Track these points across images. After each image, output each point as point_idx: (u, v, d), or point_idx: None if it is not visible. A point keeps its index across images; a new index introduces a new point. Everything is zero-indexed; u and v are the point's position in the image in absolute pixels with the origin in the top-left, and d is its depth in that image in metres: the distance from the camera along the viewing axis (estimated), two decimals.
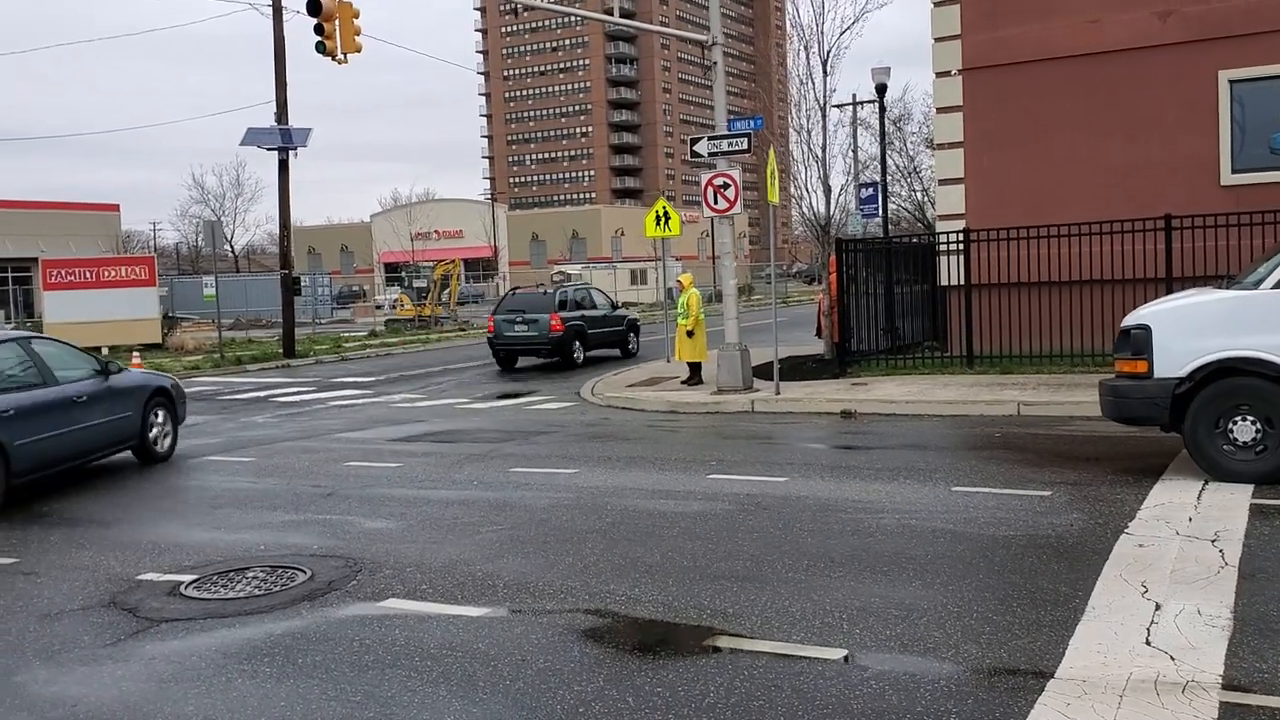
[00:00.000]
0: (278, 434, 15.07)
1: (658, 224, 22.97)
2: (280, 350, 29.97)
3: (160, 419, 12.67)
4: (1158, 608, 5.65)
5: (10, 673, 5.63)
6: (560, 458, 11.86)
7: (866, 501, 8.77)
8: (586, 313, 25.00)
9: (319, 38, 17.87)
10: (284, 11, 27.69)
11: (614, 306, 27.03)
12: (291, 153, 28.42)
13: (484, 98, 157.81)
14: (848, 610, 5.93)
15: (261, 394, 21.15)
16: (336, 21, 17.86)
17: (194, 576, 7.30)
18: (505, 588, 6.71)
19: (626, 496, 9.47)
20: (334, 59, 17.87)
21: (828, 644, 5.42)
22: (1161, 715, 4.37)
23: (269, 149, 28.42)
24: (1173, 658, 4.95)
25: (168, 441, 12.82)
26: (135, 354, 27.58)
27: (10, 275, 56.61)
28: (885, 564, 6.84)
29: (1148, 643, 5.16)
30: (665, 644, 5.64)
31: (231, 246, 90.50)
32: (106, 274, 33.74)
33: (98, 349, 27.86)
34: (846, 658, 5.21)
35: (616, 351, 26.06)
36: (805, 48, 20.67)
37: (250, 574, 7.31)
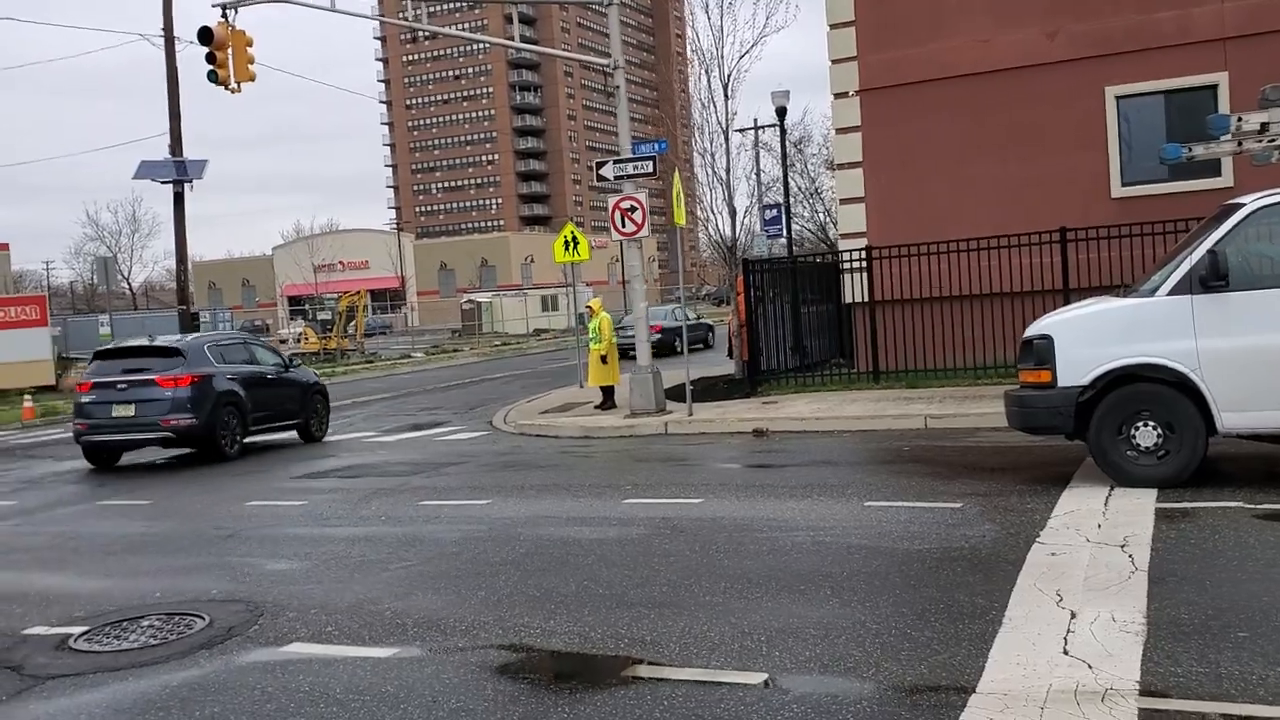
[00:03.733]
0: (175, 474, 14.55)
1: (566, 249, 22.88)
2: None
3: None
4: (1073, 616, 5.66)
5: None
6: (472, 489, 11.62)
7: (781, 520, 8.71)
8: None
9: (211, 66, 17.46)
10: (176, 42, 26.95)
11: None
12: (187, 185, 27.65)
13: (387, 127, 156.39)
14: (767, 632, 5.83)
15: None
16: (229, 50, 17.46)
17: (85, 628, 6.91)
18: (415, 626, 6.47)
19: (540, 525, 9.28)
20: (226, 88, 17.48)
21: (748, 668, 5.30)
22: None
23: (163, 182, 27.60)
24: (1090, 666, 4.94)
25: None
26: (27, 399, 26.51)
27: None
28: (802, 583, 6.76)
29: (1065, 652, 5.15)
30: (582, 676, 5.47)
31: (129, 283, 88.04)
32: None
33: None
34: (767, 682, 5.10)
35: None
36: (706, 72, 20.94)
37: (145, 623, 6.94)
